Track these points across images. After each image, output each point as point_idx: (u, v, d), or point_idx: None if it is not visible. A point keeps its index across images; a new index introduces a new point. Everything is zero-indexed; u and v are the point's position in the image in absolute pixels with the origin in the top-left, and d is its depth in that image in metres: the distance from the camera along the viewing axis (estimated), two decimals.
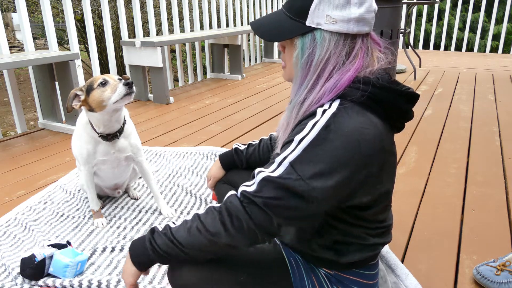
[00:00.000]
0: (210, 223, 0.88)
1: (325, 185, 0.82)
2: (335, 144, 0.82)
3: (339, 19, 0.86)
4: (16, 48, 7.77)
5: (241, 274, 0.98)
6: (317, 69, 0.89)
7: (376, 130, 0.86)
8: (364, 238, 0.96)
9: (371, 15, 0.89)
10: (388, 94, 0.88)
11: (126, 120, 1.67)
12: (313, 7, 0.87)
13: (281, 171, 0.84)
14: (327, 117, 0.84)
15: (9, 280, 1.36)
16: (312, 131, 0.84)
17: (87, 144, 1.61)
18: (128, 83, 1.50)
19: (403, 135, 2.74)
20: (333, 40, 0.87)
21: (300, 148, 0.84)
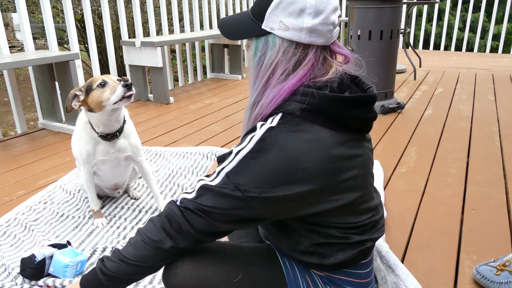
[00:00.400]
0: (153, 232, 0.92)
1: (260, 196, 0.84)
2: (268, 158, 0.83)
3: (291, 26, 0.85)
4: (16, 48, 7.77)
5: (236, 274, 0.98)
6: (266, 73, 0.90)
7: (317, 143, 0.85)
8: (344, 237, 0.94)
9: (327, 27, 0.86)
10: (332, 103, 0.86)
11: (126, 120, 1.67)
12: (269, 11, 0.87)
13: (218, 181, 0.87)
14: (263, 131, 0.85)
15: (9, 280, 1.36)
16: (249, 144, 0.85)
17: (86, 144, 1.61)
18: (127, 84, 1.50)
19: (403, 135, 2.74)
20: (283, 46, 0.87)
21: (236, 160, 0.86)
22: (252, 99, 0.94)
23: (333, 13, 0.87)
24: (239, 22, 0.95)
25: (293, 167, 0.83)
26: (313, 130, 0.86)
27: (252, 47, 0.92)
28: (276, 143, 0.84)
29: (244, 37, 0.93)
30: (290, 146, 0.83)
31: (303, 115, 0.86)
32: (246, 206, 0.86)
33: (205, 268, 0.97)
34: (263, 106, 0.90)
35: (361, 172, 0.93)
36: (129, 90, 1.50)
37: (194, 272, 0.97)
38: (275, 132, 0.85)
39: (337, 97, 0.86)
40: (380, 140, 2.67)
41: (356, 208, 0.94)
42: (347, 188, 0.90)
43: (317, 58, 0.88)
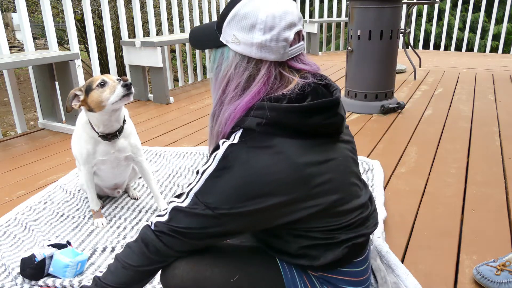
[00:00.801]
0: (131, 258, 0.95)
1: (230, 212, 0.86)
2: (232, 175, 0.84)
3: (242, 41, 0.86)
4: (16, 48, 7.77)
5: (233, 275, 0.98)
6: (221, 85, 0.91)
7: (281, 155, 0.85)
8: (330, 238, 0.94)
9: (278, 44, 0.86)
10: (288, 114, 0.85)
11: (125, 120, 1.67)
12: (225, 23, 0.88)
13: (188, 202, 0.89)
14: (225, 148, 0.86)
15: (9, 280, 1.36)
16: (213, 163, 0.87)
17: (86, 144, 1.61)
18: (127, 84, 1.50)
19: (403, 135, 2.74)
20: (235, 60, 0.88)
21: (202, 180, 0.88)
22: (212, 110, 0.96)
23: (287, 30, 0.86)
24: (204, 32, 0.96)
25: (258, 181, 0.84)
26: (275, 143, 0.86)
27: (211, 57, 0.94)
28: (238, 159, 0.85)
29: (204, 47, 0.96)
30: (253, 161, 0.84)
31: (262, 130, 0.86)
32: (218, 223, 0.88)
33: (203, 268, 0.98)
34: (221, 124, 0.92)
35: (336, 175, 0.92)
36: (128, 90, 1.50)
37: (192, 272, 0.97)
38: (237, 148, 0.86)
39: (292, 107, 0.86)
40: (380, 140, 2.67)
41: (336, 210, 0.93)
42: (322, 193, 0.89)
43: (270, 74, 0.88)
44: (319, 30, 6.35)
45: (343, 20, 6.59)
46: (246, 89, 0.89)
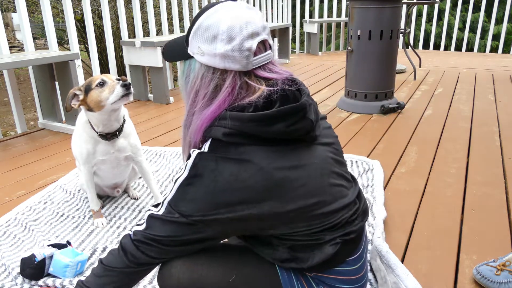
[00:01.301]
0: (113, 263, 0.97)
1: (204, 219, 0.87)
2: (203, 182, 0.86)
3: (206, 52, 0.88)
4: (16, 48, 7.77)
5: (230, 275, 0.98)
6: (190, 95, 0.94)
7: (249, 164, 0.85)
8: (315, 239, 0.93)
9: (241, 54, 0.87)
10: (250, 123, 0.86)
11: (125, 120, 1.67)
12: (191, 36, 0.91)
13: (163, 210, 0.91)
14: (194, 156, 0.88)
15: (9, 280, 1.36)
16: (184, 172, 0.89)
17: (86, 144, 1.61)
18: (126, 84, 1.50)
19: (403, 135, 2.74)
20: (201, 71, 0.90)
21: (175, 188, 0.90)
22: (184, 120, 0.98)
23: (249, 39, 0.87)
24: (174, 45, 0.98)
25: (228, 188, 0.85)
26: (242, 151, 0.87)
27: (180, 68, 0.97)
28: (207, 167, 0.86)
29: (173, 59, 0.97)
30: (221, 169, 0.85)
31: (228, 139, 0.87)
32: (194, 230, 0.89)
33: (199, 268, 0.98)
34: (191, 134, 0.94)
35: (312, 179, 0.91)
36: (127, 90, 1.50)
37: (188, 272, 0.97)
38: (206, 157, 0.87)
39: (252, 116, 0.86)
40: (380, 140, 2.67)
41: (316, 213, 0.92)
42: (297, 197, 0.89)
43: (235, 84, 0.89)
44: (319, 30, 6.34)
45: (343, 20, 6.59)
46: (213, 99, 0.90)
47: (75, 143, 1.66)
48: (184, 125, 0.98)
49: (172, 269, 0.98)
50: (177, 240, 0.91)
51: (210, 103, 0.90)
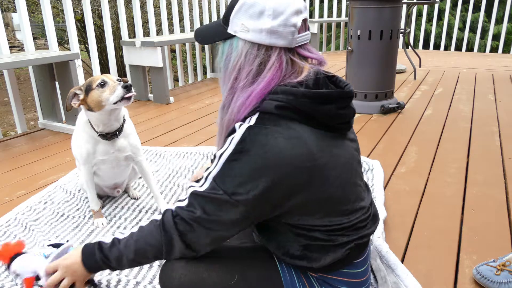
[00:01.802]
0: (150, 236, 0.95)
1: (248, 197, 0.85)
2: (250, 158, 0.84)
3: (251, 28, 0.88)
4: (16, 48, 7.77)
5: (232, 277, 0.98)
6: (231, 75, 0.92)
7: (296, 140, 0.85)
8: (331, 240, 0.94)
9: (287, 29, 0.87)
10: (304, 100, 0.87)
11: (125, 120, 1.67)
12: (232, 14, 0.90)
13: (207, 186, 0.89)
14: (242, 131, 0.86)
15: (9, 280, 1.36)
16: (230, 146, 0.87)
17: (86, 144, 1.61)
18: (127, 85, 1.49)
19: (403, 135, 2.74)
20: (245, 48, 0.89)
21: (220, 164, 0.87)
22: (222, 102, 0.96)
23: (294, 16, 0.88)
24: (210, 28, 0.98)
25: (277, 164, 0.84)
26: (292, 127, 0.86)
27: (220, 50, 0.95)
28: (257, 141, 0.84)
29: (212, 41, 0.96)
30: (271, 143, 0.84)
31: (279, 113, 0.86)
32: (234, 210, 0.87)
33: (201, 271, 0.98)
34: (233, 112, 0.92)
35: (344, 172, 0.93)
36: (128, 92, 1.49)
37: (190, 275, 0.97)
38: (255, 131, 0.85)
39: (308, 92, 0.87)
40: (380, 140, 2.67)
41: (339, 208, 0.93)
42: (331, 186, 0.90)
43: (282, 61, 0.89)
44: (319, 30, 6.34)
45: (343, 20, 6.58)
46: (257, 76, 0.89)
47: (75, 143, 1.66)
48: (222, 106, 0.96)
49: (174, 271, 0.98)
50: (216, 220, 0.89)
51: (254, 80, 0.89)
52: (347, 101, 0.92)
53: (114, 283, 1.29)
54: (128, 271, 1.39)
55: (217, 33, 0.95)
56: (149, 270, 1.40)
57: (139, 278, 1.36)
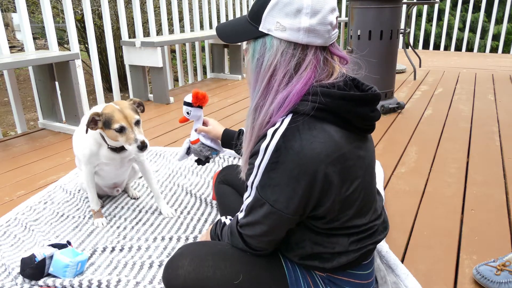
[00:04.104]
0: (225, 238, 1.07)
1: (289, 203, 0.87)
2: (288, 166, 0.84)
3: (288, 27, 0.85)
4: (16, 48, 7.77)
5: (237, 276, 0.98)
6: (266, 75, 0.89)
7: (330, 142, 0.85)
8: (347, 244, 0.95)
9: (325, 28, 0.86)
10: (341, 101, 0.86)
11: None
12: (266, 12, 0.87)
13: (253, 196, 0.92)
14: (277, 139, 0.85)
15: (9, 280, 1.36)
16: (265, 156, 0.86)
17: (91, 145, 1.61)
18: (142, 147, 1.49)
19: (403, 135, 2.74)
20: (281, 47, 0.86)
21: (260, 174, 0.88)
22: (254, 104, 0.92)
23: (330, 14, 0.86)
24: (236, 26, 0.95)
25: (313, 168, 0.84)
26: (327, 129, 0.86)
27: (250, 49, 0.92)
28: (292, 149, 0.84)
29: (241, 39, 0.93)
30: (306, 149, 0.83)
31: (315, 114, 0.86)
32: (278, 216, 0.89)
33: (206, 269, 0.98)
34: (267, 114, 0.89)
35: (366, 174, 0.95)
36: (141, 151, 1.50)
37: (195, 273, 0.97)
38: (289, 138, 0.84)
39: (346, 95, 0.87)
40: (380, 140, 2.67)
41: (361, 211, 0.95)
42: (355, 187, 0.91)
43: (318, 60, 0.87)
44: None
45: (343, 20, 6.58)
46: (292, 77, 0.87)
47: (79, 143, 1.65)
48: (255, 108, 0.92)
49: (179, 269, 0.98)
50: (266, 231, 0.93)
51: (289, 81, 0.87)
52: (376, 104, 0.92)
53: (114, 283, 1.29)
54: (128, 271, 1.40)
55: (246, 32, 0.91)
56: (149, 270, 1.40)
57: (139, 278, 1.36)
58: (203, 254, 1.01)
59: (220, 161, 2.35)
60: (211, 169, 2.25)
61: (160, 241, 1.57)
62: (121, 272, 1.40)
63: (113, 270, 1.41)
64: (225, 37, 0.97)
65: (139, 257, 1.48)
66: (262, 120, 0.90)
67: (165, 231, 1.66)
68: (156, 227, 1.69)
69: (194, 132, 1.51)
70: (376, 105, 0.93)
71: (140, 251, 1.52)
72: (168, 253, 1.50)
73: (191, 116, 1.51)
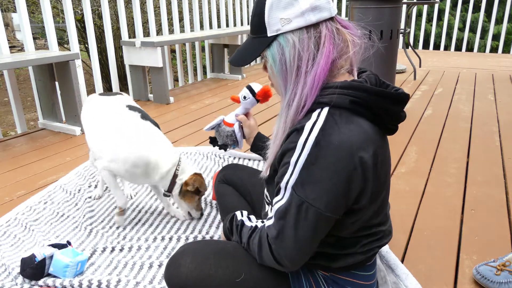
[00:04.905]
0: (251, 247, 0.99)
1: (329, 200, 0.83)
2: (329, 160, 0.82)
3: (292, 16, 0.87)
4: (16, 48, 7.77)
5: (238, 275, 0.98)
6: (293, 69, 0.89)
7: (366, 135, 0.86)
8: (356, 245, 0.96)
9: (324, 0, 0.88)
10: (377, 97, 0.87)
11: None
12: (266, 18, 0.89)
13: (287, 198, 0.86)
14: (316, 133, 0.83)
15: (9, 280, 1.36)
16: (304, 151, 0.83)
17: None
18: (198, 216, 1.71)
19: (403, 135, 2.74)
20: (296, 37, 0.87)
21: (297, 171, 0.84)
22: (286, 101, 0.92)
23: None
24: (246, 48, 0.96)
25: (352, 163, 0.83)
26: (362, 124, 0.87)
27: (269, 58, 0.92)
28: (331, 143, 0.82)
29: (257, 53, 0.93)
30: (345, 142, 0.82)
31: (353, 107, 0.86)
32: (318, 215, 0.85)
33: (207, 268, 0.98)
34: (302, 97, 0.88)
35: (387, 173, 0.96)
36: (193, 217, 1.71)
37: (197, 271, 0.97)
38: (328, 132, 0.83)
39: (382, 91, 0.88)
40: None
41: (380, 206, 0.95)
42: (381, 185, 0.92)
43: (331, 32, 0.88)
44: None
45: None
46: (316, 56, 0.88)
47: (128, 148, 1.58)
48: (286, 104, 0.91)
49: (181, 268, 0.98)
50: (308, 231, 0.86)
51: (314, 61, 0.87)
52: (405, 104, 0.93)
53: (114, 283, 1.29)
54: (128, 271, 1.40)
55: (258, 45, 0.92)
56: (149, 270, 1.40)
57: (139, 278, 1.36)
58: (205, 252, 1.02)
59: (220, 161, 2.35)
60: (211, 169, 2.25)
61: (160, 241, 1.57)
62: (121, 272, 1.40)
63: (113, 270, 1.41)
64: (241, 61, 0.97)
65: (139, 257, 1.48)
66: (297, 108, 0.89)
67: (165, 231, 1.66)
68: (156, 227, 1.69)
69: (234, 116, 1.41)
70: (405, 106, 0.93)
71: (140, 251, 1.52)
72: (168, 253, 1.50)
73: (245, 102, 1.39)
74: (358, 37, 0.92)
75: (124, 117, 1.64)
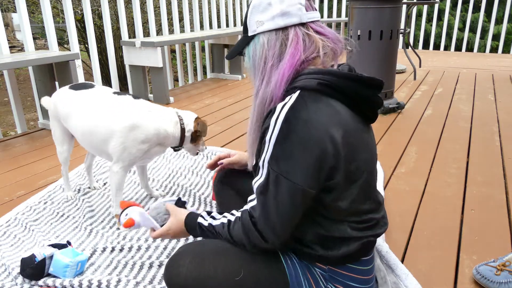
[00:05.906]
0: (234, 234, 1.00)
1: (302, 173, 0.88)
2: (299, 135, 0.88)
3: (265, 19, 0.98)
4: (16, 48, 7.77)
5: (237, 274, 0.98)
6: (260, 64, 1.00)
7: (337, 116, 0.91)
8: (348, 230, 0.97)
9: (295, 7, 0.96)
10: (345, 80, 0.93)
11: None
12: (248, 20, 1.02)
13: (265, 174, 0.92)
14: (285, 111, 0.90)
15: (9, 280, 1.36)
16: (276, 127, 0.90)
17: (142, 144, 1.62)
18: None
19: (403, 135, 2.74)
20: (265, 38, 0.98)
21: (271, 146, 0.90)
22: (255, 90, 1.02)
23: None
24: (236, 44, 1.09)
25: (321, 137, 0.87)
26: (332, 104, 0.92)
27: (246, 55, 1.04)
28: (300, 119, 0.88)
29: (239, 50, 1.06)
30: (313, 118, 0.88)
31: (321, 89, 0.91)
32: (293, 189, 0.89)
33: (207, 267, 0.98)
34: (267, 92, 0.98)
35: (368, 158, 0.99)
36: None
37: (196, 271, 0.98)
38: (297, 109, 0.89)
39: (349, 74, 0.94)
40: (380, 140, 2.67)
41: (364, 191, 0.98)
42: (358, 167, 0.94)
43: (298, 36, 0.96)
44: None
45: (343, 20, 6.58)
46: (282, 54, 0.97)
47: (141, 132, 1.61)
48: (256, 92, 1.02)
49: (180, 267, 0.99)
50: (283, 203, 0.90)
51: (280, 59, 0.97)
52: (379, 91, 0.98)
53: (114, 283, 1.29)
54: (128, 271, 1.40)
55: (240, 44, 1.06)
56: (149, 270, 1.40)
57: (139, 278, 1.36)
58: (204, 252, 1.02)
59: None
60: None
61: (160, 241, 1.57)
62: (121, 272, 1.40)
63: (113, 270, 1.41)
64: (229, 56, 1.12)
65: (139, 257, 1.48)
66: (263, 98, 0.99)
67: None
68: None
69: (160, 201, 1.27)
70: (379, 92, 0.98)
71: (140, 251, 1.52)
72: (168, 253, 1.50)
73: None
74: (334, 42, 1.00)
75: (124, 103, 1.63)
